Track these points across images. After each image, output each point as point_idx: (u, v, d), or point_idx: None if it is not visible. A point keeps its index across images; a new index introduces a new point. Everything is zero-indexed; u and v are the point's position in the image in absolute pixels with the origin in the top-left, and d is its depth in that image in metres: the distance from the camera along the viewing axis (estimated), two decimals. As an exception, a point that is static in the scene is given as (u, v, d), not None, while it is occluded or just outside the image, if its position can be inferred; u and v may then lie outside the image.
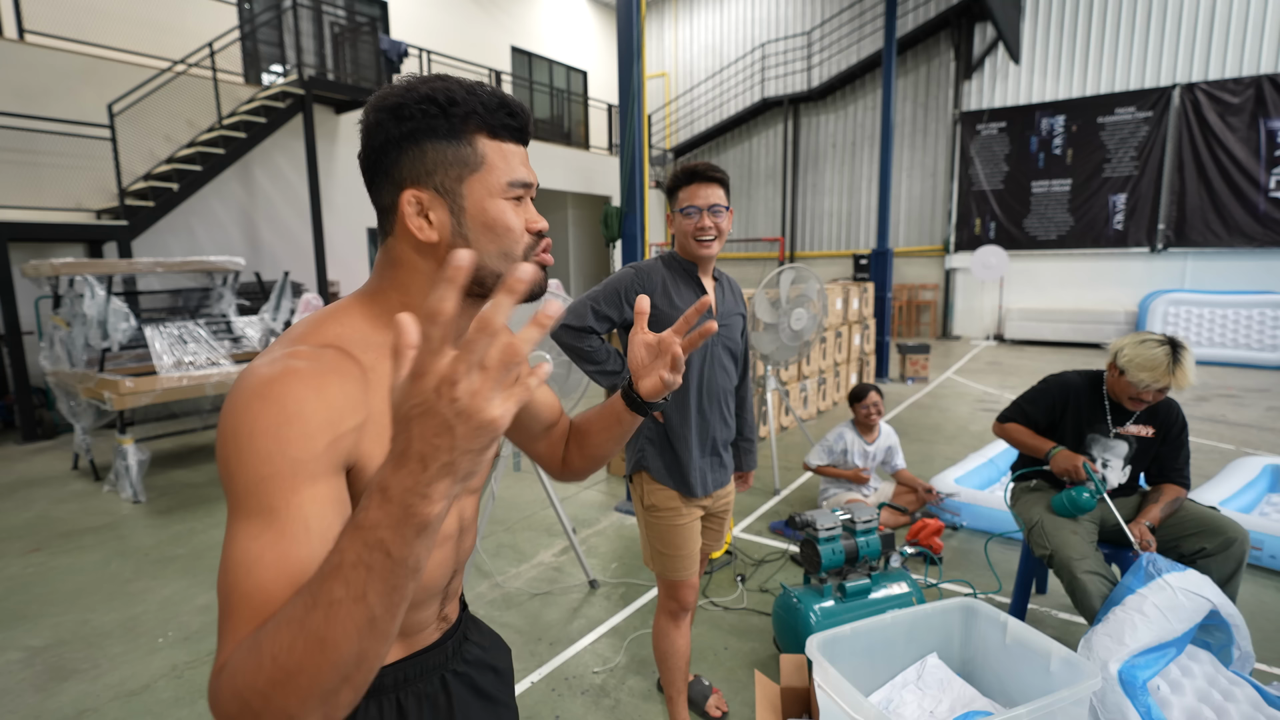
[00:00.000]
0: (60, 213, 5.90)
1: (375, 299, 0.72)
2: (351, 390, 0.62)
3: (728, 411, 1.85)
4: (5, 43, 5.71)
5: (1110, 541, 2.29)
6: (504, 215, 0.71)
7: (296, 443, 0.57)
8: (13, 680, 2.30)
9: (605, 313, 1.74)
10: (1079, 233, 10.26)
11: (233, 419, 0.58)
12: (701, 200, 1.70)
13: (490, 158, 0.70)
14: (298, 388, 0.59)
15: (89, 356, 4.36)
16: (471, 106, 0.68)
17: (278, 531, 0.55)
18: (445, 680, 0.83)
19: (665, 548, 1.80)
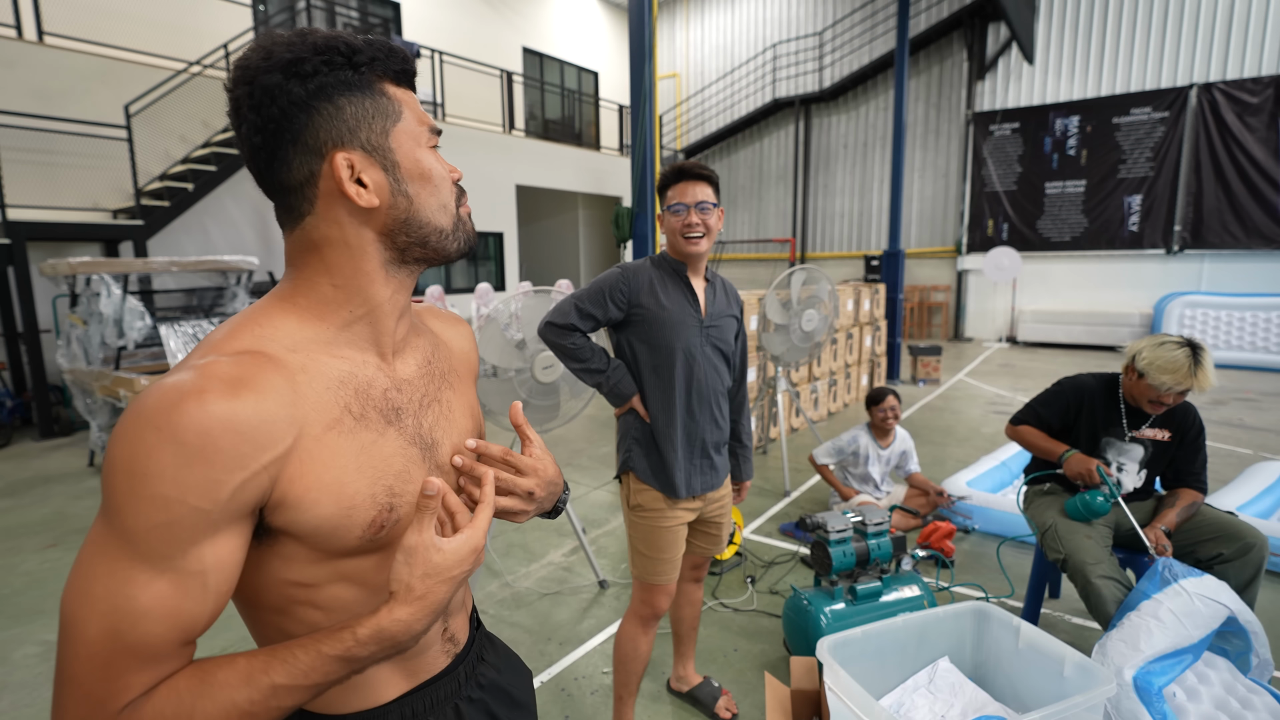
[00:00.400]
0: (77, 212, 5.97)
1: (300, 291, 0.64)
2: (271, 407, 0.55)
3: (719, 413, 1.82)
4: (25, 44, 5.79)
5: (1125, 546, 2.26)
6: (434, 165, 0.66)
7: (198, 490, 0.51)
8: (30, 674, 2.32)
9: (589, 311, 1.73)
10: (1093, 234, 10.16)
11: (126, 448, 0.51)
12: (689, 197, 1.68)
13: (404, 107, 0.65)
14: (203, 418, 0.51)
15: (105, 355, 4.42)
16: (372, 53, 0.62)
17: (172, 584, 0.51)
18: (459, 709, 0.77)
19: (647, 549, 1.78)
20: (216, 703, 0.52)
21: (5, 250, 5.20)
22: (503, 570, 3.05)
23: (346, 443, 0.61)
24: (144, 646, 0.51)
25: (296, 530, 0.59)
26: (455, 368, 0.79)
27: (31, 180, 5.72)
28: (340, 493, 0.59)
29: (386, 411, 0.65)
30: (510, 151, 9.67)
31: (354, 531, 0.61)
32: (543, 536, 3.44)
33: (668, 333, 1.71)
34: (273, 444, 0.55)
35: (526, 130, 11.42)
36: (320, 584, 0.63)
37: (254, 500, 0.55)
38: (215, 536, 0.53)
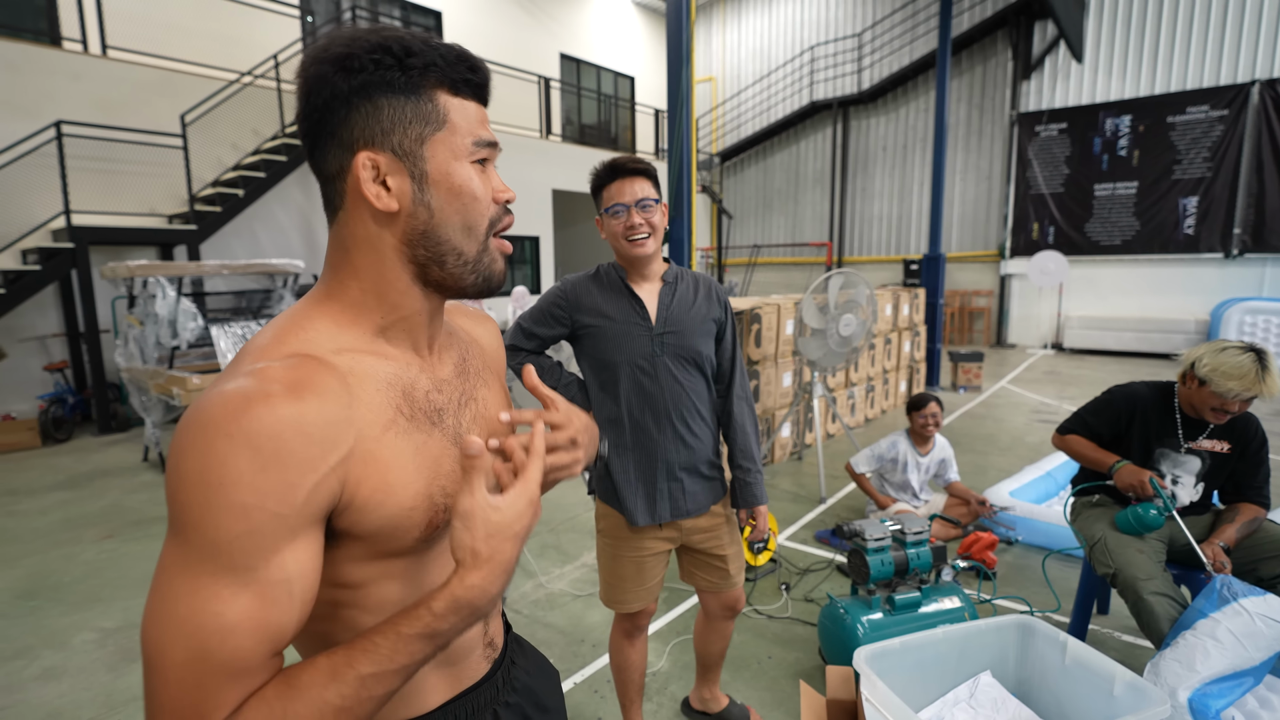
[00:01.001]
0: (135, 218, 6.25)
1: (334, 295, 0.64)
2: (333, 410, 0.55)
3: (686, 430, 1.63)
4: (90, 58, 6.09)
5: (1180, 562, 2.17)
6: (470, 181, 0.63)
7: (276, 494, 0.50)
8: (87, 659, 2.43)
9: (533, 330, 1.66)
10: (1146, 237, 9.79)
11: (198, 459, 0.49)
12: (627, 196, 1.52)
13: (453, 116, 0.62)
14: (271, 421, 0.51)
15: (159, 354, 4.60)
16: (430, 58, 0.60)
17: (257, 595, 0.51)
18: (497, 715, 0.77)
19: (608, 575, 1.71)
20: (308, 704, 0.51)
21: (69, 254, 5.47)
22: (537, 571, 3.08)
23: (403, 443, 0.61)
24: (235, 662, 0.50)
25: (359, 531, 0.59)
26: (489, 364, 0.79)
27: (95, 187, 6.01)
28: (403, 493, 0.60)
29: (430, 412, 0.65)
30: (547, 156, 9.79)
31: (413, 532, 0.62)
32: (576, 539, 3.46)
33: (609, 346, 1.59)
34: (337, 445, 0.55)
35: (563, 135, 11.55)
36: (368, 584, 0.63)
37: (327, 503, 0.55)
38: (295, 542, 0.53)
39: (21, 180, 5.55)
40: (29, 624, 2.67)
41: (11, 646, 2.50)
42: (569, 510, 3.86)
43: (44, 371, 5.98)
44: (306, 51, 0.61)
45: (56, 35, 6.28)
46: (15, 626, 2.65)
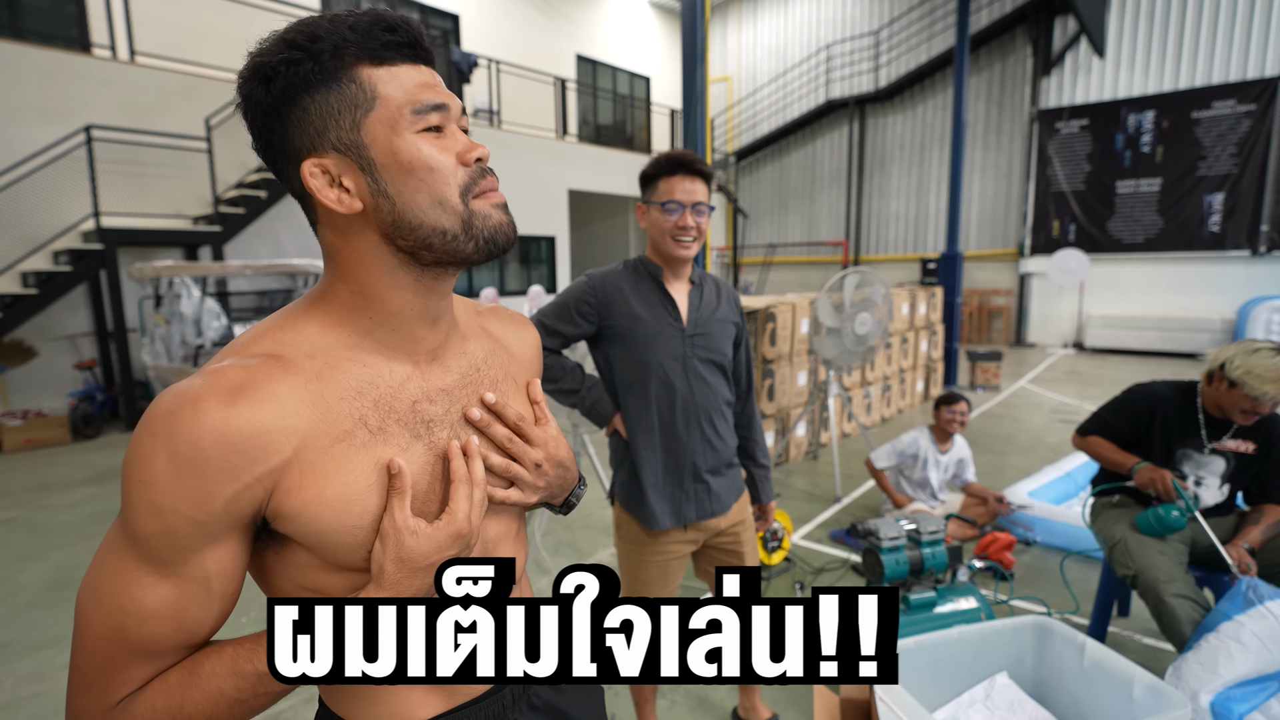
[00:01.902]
0: (162, 219, 6.38)
1: (325, 297, 0.62)
2: (267, 418, 0.53)
3: (713, 433, 1.62)
4: (119, 64, 6.23)
5: (1203, 564, 2.14)
6: (418, 152, 0.56)
7: (191, 500, 0.51)
8: (116, 649, 2.49)
9: (555, 328, 1.57)
10: (1169, 235, 9.62)
11: (132, 453, 0.51)
12: (685, 195, 1.48)
13: (381, 89, 0.56)
14: (195, 428, 0.50)
15: (184, 352, 4.70)
16: (339, 36, 0.55)
17: (176, 589, 0.52)
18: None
19: (632, 581, 1.67)
20: (204, 693, 0.52)
21: (98, 255, 5.60)
22: (552, 568, 3.10)
23: (357, 458, 0.57)
24: (148, 645, 0.52)
25: (302, 540, 0.57)
26: (513, 374, 0.73)
27: (123, 190, 6.14)
28: (345, 510, 0.56)
29: (414, 425, 0.61)
30: (563, 157, 9.83)
31: (359, 551, 0.57)
32: (591, 535, 3.48)
33: (641, 346, 1.54)
34: (266, 456, 0.53)
35: (579, 136, 11.59)
36: (337, 593, 0.59)
37: (249, 510, 0.54)
38: (215, 545, 0.53)
39: (53, 183, 5.69)
40: (59, 615, 2.74)
41: (43, 636, 2.58)
42: (584, 508, 3.89)
43: (74, 369, 6.12)
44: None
45: (86, 42, 6.43)
46: (46, 617, 2.72)
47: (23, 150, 5.58)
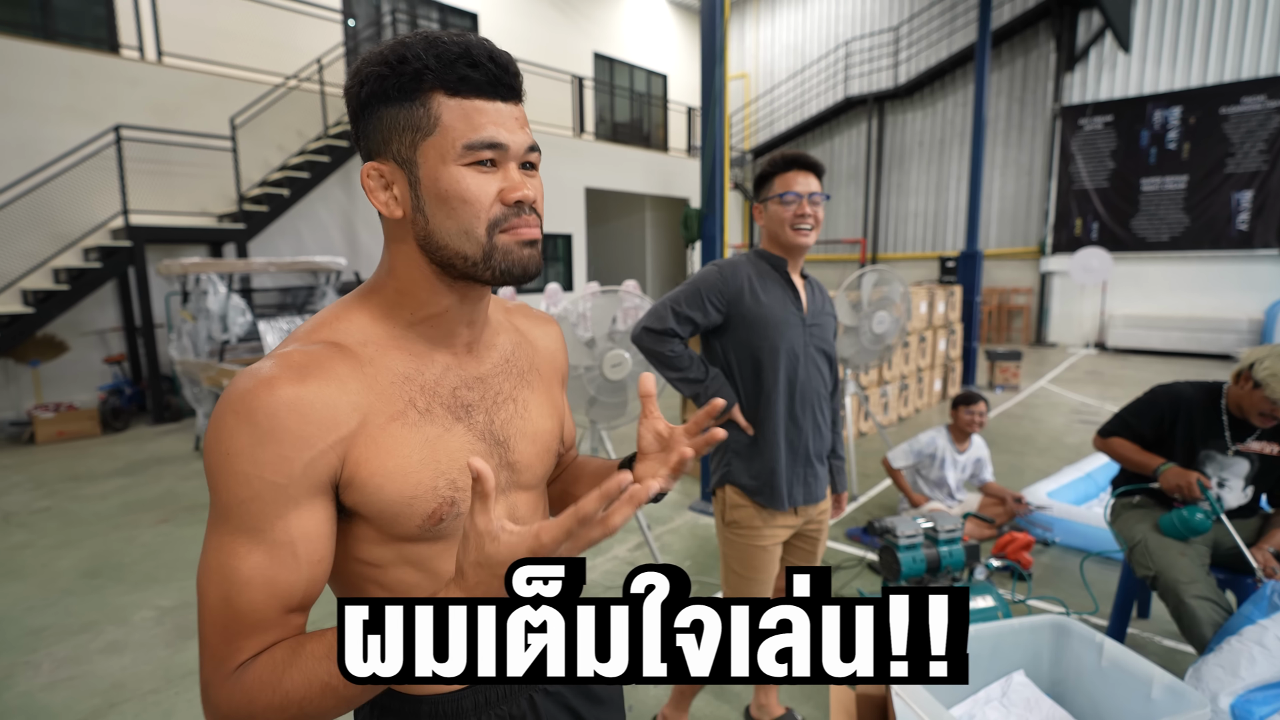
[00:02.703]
0: (187, 217, 6.51)
1: (375, 290, 0.68)
2: (334, 393, 0.59)
3: (823, 419, 1.71)
4: (147, 65, 6.36)
5: (1226, 566, 2.12)
6: (458, 184, 0.61)
7: (272, 466, 0.56)
8: (146, 635, 2.57)
9: (688, 314, 1.62)
10: (1195, 233, 9.45)
11: (213, 432, 0.57)
12: (801, 186, 1.57)
13: (445, 118, 0.60)
14: (271, 402, 0.56)
15: (210, 347, 4.80)
16: (424, 61, 0.59)
17: (266, 554, 0.57)
18: (534, 700, 0.77)
19: (743, 569, 1.70)
20: (303, 673, 0.55)
21: (126, 252, 5.73)
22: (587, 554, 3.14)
23: (410, 435, 0.63)
24: (250, 613, 0.56)
25: (365, 511, 0.63)
26: (537, 366, 0.79)
27: (151, 188, 6.28)
28: (403, 481, 0.62)
29: (455, 408, 0.67)
30: (580, 155, 9.87)
31: (414, 520, 0.63)
32: (608, 532, 3.51)
33: (771, 333, 1.61)
34: (336, 425, 0.59)
35: (596, 133, 11.62)
36: (386, 565, 0.66)
37: (325, 476, 0.59)
38: (298, 509, 0.58)
39: (84, 182, 5.83)
40: (93, 601, 2.83)
41: (78, 621, 2.66)
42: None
43: (103, 364, 6.27)
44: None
45: (115, 43, 6.56)
46: (81, 603, 2.81)
47: (55, 149, 5.72)
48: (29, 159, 5.65)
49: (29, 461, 4.91)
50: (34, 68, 5.72)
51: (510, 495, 0.74)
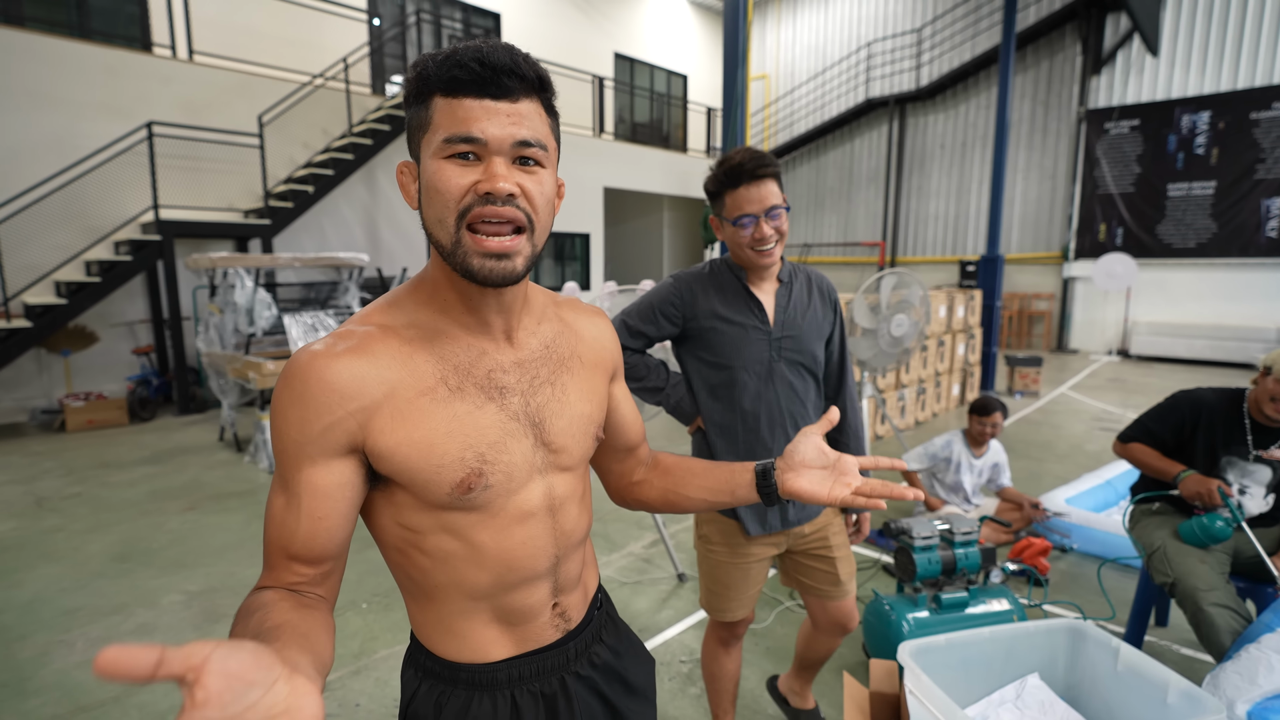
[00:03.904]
0: (215, 212, 6.64)
1: (421, 279, 0.74)
2: (364, 369, 0.65)
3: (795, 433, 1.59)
4: (178, 63, 6.50)
5: (1246, 575, 2.11)
6: (436, 175, 0.65)
7: (296, 425, 0.64)
8: (175, 618, 2.64)
9: (639, 329, 1.56)
10: (1223, 240, 9.29)
11: (274, 391, 0.68)
12: (756, 206, 1.41)
13: (437, 116, 0.65)
14: (306, 372, 0.64)
15: (237, 340, 4.90)
16: (426, 68, 0.65)
17: (285, 500, 0.66)
18: (565, 682, 0.80)
19: (712, 584, 1.65)
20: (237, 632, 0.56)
21: (156, 246, 5.86)
22: (620, 542, 3.17)
23: (438, 409, 0.68)
24: (267, 546, 0.66)
25: (397, 478, 0.68)
26: (580, 354, 0.82)
27: (180, 184, 6.42)
28: (429, 450, 0.67)
29: (489, 389, 0.71)
30: (599, 154, 9.92)
31: (443, 487, 0.68)
32: (623, 528, 3.55)
33: (726, 349, 1.51)
34: (358, 396, 0.65)
35: (615, 134, 11.66)
36: (426, 532, 0.71)
37: (344, 440, 0.65)
38: (313, 466, 0.65)
39: (116, 177, 5.98)
40: (124, 584, 2.91)
41: (110, 603, 2.74)
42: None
43: (132, 355, 6.42)
44: None
45: (148, 41, 6.71)
46: (112, 586, 2.90)
47: (89, 145, 5.87)
48: (64, 154, 5.80)
49: (60, 448, 5.04)
50: (70, 65, 5.88)
51: (548, 476, 0.77)
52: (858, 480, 0.73)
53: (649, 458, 0.98)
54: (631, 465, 0.96)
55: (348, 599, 2.77)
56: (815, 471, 0.77)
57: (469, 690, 0.76)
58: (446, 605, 0.75)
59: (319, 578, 0.67)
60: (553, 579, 0.79)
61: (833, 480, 0.76)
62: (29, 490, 4.12)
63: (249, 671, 0.38)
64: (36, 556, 3.18)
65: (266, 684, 0.39)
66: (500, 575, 0.74)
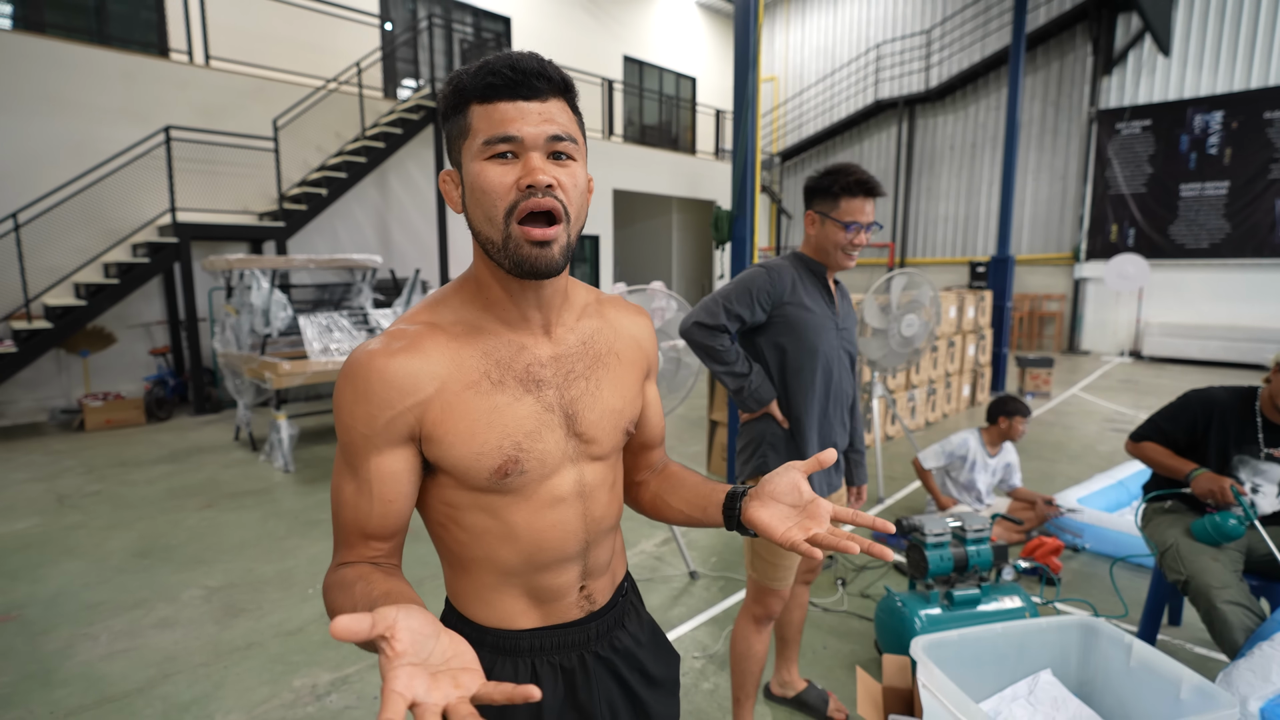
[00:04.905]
0: (230, 215, 6.73)
1: (466, 279, 0.79)
2: (418, 365, 0.70)
3: (848, 416, 1.84)
4: (195, 68, 6.59)
5: (1260, 573, 2.11)
6: (479, 176, 0.69)
7: (363, 420, 0.70)
8: (195, 612, 2.69)
9: (737, 312, 1.70)
10: (1237, 241, 9.22)
11: (335, 390, 0.73)
12: (865, 217, 1.65)
13: (475, 122, 0.69)
14: (367, 370, 0.70)
15: (253, 341, 4.96)
16: (462, 80, 0.70)
17: (356, 487, 0.73)
18: (584, 659, 0.84)
19: (769, 554, 1.75)
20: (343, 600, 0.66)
21: (173, 248, 5.94)
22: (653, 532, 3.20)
23: (481, 401, 0.73)
24: (341, 529, 0.74)
25: (442, 464, 0.74)
26: (616, 350, 0.85)
27: (196, 187, 6.51)
28: (471, 439, 0.72)
29: (527, 382, 0.76)
30: (608, 157, 9.96)
31: (483, 473, 0.74)
32: (635, 526, 3.57)
33: (811, 335, 1.70)
34: (415, 391, 0.71)
35: (624, 136, 11.70)
36: (464, 508, 0.77)
37: (405, 431, 0.72)
38: (379, 455, 0.71)
39: (134, 180, 6.07)
40: (144, 579, 2.96)
41: (131, 598, 2.79)
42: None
43: (149, 355, 6.51)
44: None
45: (165, 47, 6.81)
46: (133, 581, 2.95)
47: (108, 149, 5.96)
48: (84, 159, 5.90)
49: (79, 447, 5.12)
50: (89, 71, 5.98)
51: (580, 464, 0.81)
52: (821, 528, 0.70)
53: (659, 464, 1.00)
54: (640, 464, 0.98)
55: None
56: (782, 507, 0.74)
57: (494, 654, 0.81)
58: (480, 577, 0.81)
59: (392, 550, 0.76)
60: (582, 563, 0.83)
61: (795, 521, 0.73)
62: (50, 488, 4.19)
63: (424, 627, 0.51)
64: (59, 552, 3.24)
65: (435, 636, 0.52)
66: (531, 555, 0.79)
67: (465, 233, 8.84)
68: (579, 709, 0.84)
